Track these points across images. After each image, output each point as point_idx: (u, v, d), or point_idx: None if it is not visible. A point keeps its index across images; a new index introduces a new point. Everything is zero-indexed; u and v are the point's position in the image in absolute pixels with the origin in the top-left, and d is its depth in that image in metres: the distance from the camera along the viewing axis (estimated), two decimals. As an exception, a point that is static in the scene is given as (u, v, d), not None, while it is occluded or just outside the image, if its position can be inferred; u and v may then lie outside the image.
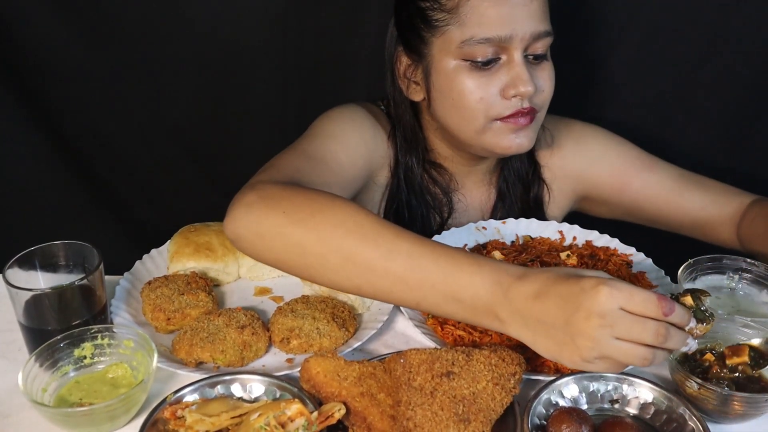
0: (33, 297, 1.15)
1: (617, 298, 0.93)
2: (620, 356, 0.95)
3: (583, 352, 0.96)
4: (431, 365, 1.03)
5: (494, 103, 1.39)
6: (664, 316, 0.94)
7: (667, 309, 0.94)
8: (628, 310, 0.93)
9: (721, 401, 1.05)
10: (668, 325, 0.95)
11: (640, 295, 0.94)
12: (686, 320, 0.97)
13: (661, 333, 0.94)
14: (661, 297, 0.94)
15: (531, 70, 1.39)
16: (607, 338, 0.94)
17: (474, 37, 1.35)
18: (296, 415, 1.01)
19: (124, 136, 1.94)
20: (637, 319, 0.93)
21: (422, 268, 1.05)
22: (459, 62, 1.39)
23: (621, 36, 1.76)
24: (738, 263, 1.34)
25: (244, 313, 1.28)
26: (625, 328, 0.93)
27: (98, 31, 1.79)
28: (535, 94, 1.40)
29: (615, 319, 0.93)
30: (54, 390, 1.12)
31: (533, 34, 1.36)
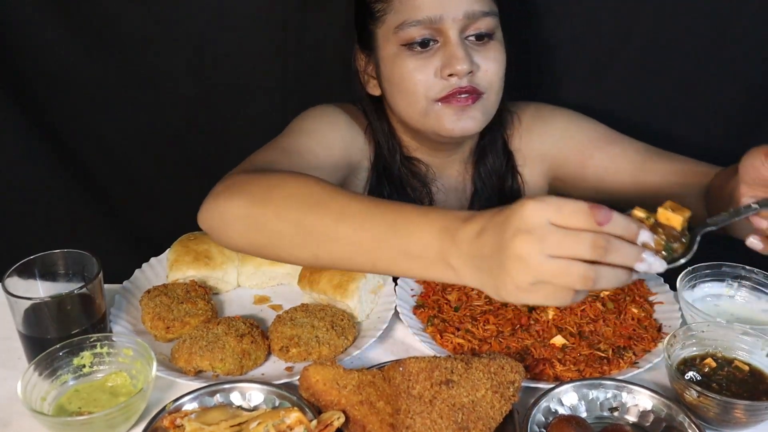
0: (32, 306, 1.15)
1: (544, 210, 0.83)
2: (557, 277, 0.83)
3: (515, 276, 0.85)
4: (430, 373, 1.03)
5: (432, 84, 1.41)
6: (599, 225, 0.83)
7: (602, 217, 0.83)
8: (559, 224, 0.83)
9: (722, 409, 1.05)
10: (609, 236, 0.83)
11: (570, 205, 0.83)
12: (632, 231, 0.85)
13: (599, 244, 0.82)
14: (594, 205, 0.84)
15: (472, 51, 1.40)
16: (537, 256, 0.83)
17: (407, 20, 1.39)
18: (295, 424, 1.01)
19: (123, 144, 1.94)
20: (569, 232, 0.83)
21: (373, 227, 1.02)
22: (398, 48, 1.42)
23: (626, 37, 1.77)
24: (737, 271, 1.34)
25: (243, 321, 1.28)
26: (557, 242, 0.82)
27: (98, 38, 1.79)
28: (477, 73, 1.41)
29: (544, 233, 0.83)
30: (53, 399, 1.12)
31: (467, 13, 1.37)
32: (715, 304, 1.34)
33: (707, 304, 1.33)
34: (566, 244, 0.82)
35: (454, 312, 1.33)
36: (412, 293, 1.41)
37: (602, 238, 0.82)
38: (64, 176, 1.94)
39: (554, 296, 0.86)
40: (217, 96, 1.90)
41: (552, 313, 1.30)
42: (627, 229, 0.85)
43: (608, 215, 0.83)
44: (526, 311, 1.31)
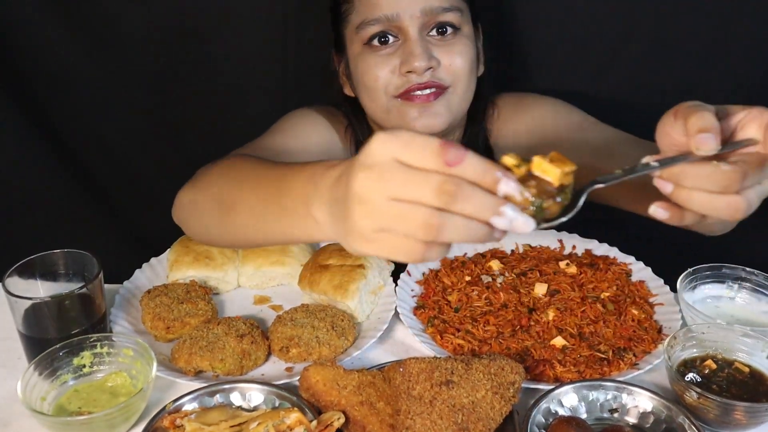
0: (32, 306, 1.15)
1: (391, 145, 0.72)
2: (397, 222, 0.72)
3: (357, 221, 0.75)
4: (430, 374, 1.03)
5: (391, 80, 1.41)
6: (448, 166, 0.71)
7: (453, 156, 0.71)
8: (407, 162, 0.72)
9: (722, 411, 1.05)
10: (461, 180, 0.71)
11: (419, 141, 0.72)
12: (490, 178, 0.72)
13: (446, 189, 0.70)
14: (447, 142, 0.72)
15: (434, 46, 1.39)
16: (378, 198, 0.73)
17: (365, 19, 1.40)
18: (295, 424, 1.01)
19: (123, 144, 1.94)
20: (415, 172, 0.71)
21: (261, 187, 1.00)
22: (362, 47, 1.43)
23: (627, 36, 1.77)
24: (738, 272, 1.34)
25: (243, 321, 1.27)
26: (400, 182, 0.71)
27: (99, 38, 1.79)
28: (439, 69, 1.40)
29: (387, 171, 0.72)
30: (53, 399, 1.12)
31: (424, 10, 1.37)
32: (716, 305, 1.33)
33: (707, 306, 1.33)
34: (410, 185, 0.71)
35: (455, 313, 1.33)
36: (412, 294, 1.41)
37: (451, 182, 0.71)
38: (65, 176, 1.94)
39: (399, 248, 0.74)
40: (217, 96, 1.90)
41: (552, 314, 1.30)
42: (484, 175, 0.72)
43: (460, 155, 0.71)
44: (526, 312, 1.31)
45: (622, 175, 0.82)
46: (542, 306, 1.33)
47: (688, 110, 0.85)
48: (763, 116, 0.87)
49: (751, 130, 0.87)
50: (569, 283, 1.38)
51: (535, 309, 1.32)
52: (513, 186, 0.73)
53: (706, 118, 0.83)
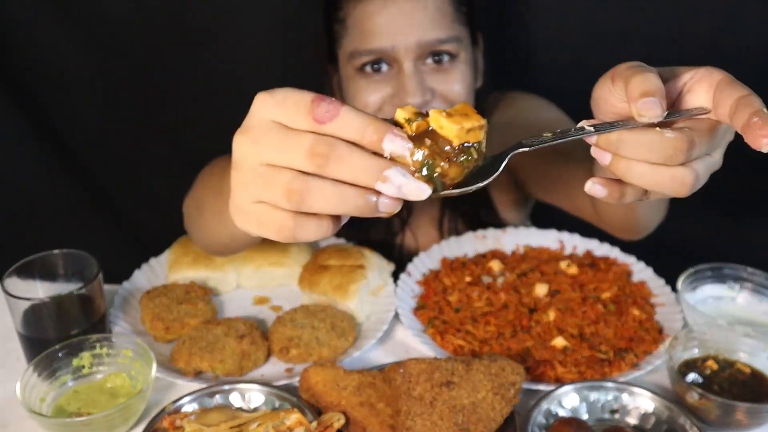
0: (31, 306, 1.14)
1: (268, 104, 0.64)
2: (263, 189, 0.63)
3: (234, 190, 0.67)
4: (431, 375, 1.02)
5: (382, 107, 1.38)
6: (318, 124, 0.61)
7: (322, 112, 0.61)
8: (283, 122, 0.64)
9: (724, 411, 1.05)
10: (335, 141, 0.61)
11: (294, 96, 0.63)
12: (369, 134, 0.61)
13: (316, 151, 0.60)
14: (320, 96, 0.62)
15: (429, 76, 1.35)
16: (250, 162, 0.64)
17: (357, 49, 1.34)
18: (295, 425, 1.00)
19: (123, 144, 1.94)
20: (290, 133, 0.62)
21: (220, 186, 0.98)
22: (354, 71, 1.38)
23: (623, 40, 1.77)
24: (739, 272, 1.34)
25: (243, 322, 1.27)
26: (273, 145, 0.63)
27: (99, 38, 1.79)
28: (434, 100, 1.36)
29: (262, 133, 0.64)
30: (52, 400, 1.11)
31: (420, 43, 1.30)
32: (717, 306, 1.33)
33: (709, 306, 1.33)
34: (282, 148, 0.62)
35: (455, 313, 1.32)
36: (412, 294, 1.41)
37: (323, 143, 0.61)
38: (64, 177, 1.94)
39: (269, 221, 0.64)
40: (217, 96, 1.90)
41: (553, 315, 1.29)
42: (364, 132, 0.61)
43: (332, 110, 0.61)
44: (527, 313, 1.31)
45: (552, 139, 0.71)
46: (543, 306, 1.33)
47: (629, 71, 0.73)
48: (713, 76, 0.75)
49: (700, 92, 0.76)
50: (570, 284, 1.38)
51: (536, 309, 1.32)
52: (400, 144, 0.61)
53: (650, 80, 0.71)
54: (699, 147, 0.72)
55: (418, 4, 1.30)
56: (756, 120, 0.67)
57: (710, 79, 0.75)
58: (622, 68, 0.75)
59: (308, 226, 0.64)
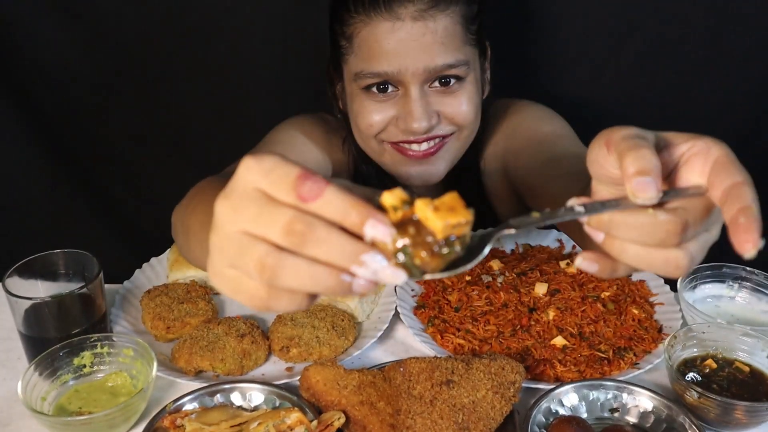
0: (33, 306, 1.15)
1: (254, 172, 0.61)
2: (235, 256, 0.62)
3: (211, 252, 0.65)
4: (431, 374, 1.03)
5: (386, 128, 1.36)
6: (302, 202, 0.60)
7: (307, 191, 0.59)
8: (267, 193, 0.61)
9: (723, 410, 1.05)
10: (315, 220, 0.59)
11: (282, 169, 0.60)
12: (351, 217, 0.59)
13: (295, 228, 0.59)
14: (305, 173, 0.60)
15: (436, 99, 1.33)
16: (228, 228, 0.62)
17: (364, 71, 1.32)
18: (296, 424, 1.01)
19: (124, 144, 1.95)
20: (270, 205, 0.61)
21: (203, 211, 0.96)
22: (359, 90, 1.36)
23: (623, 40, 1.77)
24: (738, 272, 1.34)
25: (243, 321, 1.28)
26: (252, 215, 0.61)
27: (99, 39, 1.79)
28: (440, 123, 1.34)
29: (242, 201, 0.62)
30: (53, 399, 1.12)
31: (427, 68, 1.28)
32: (716, 305, 1.33)
33: (708, 305, 1.33)
34: (261, 219, 0.61)
35: (455, 312, 1.33)
36: (412, 294, 1.41)
37: (302, 221, 0.59)
38: (65, 176, 1.94)
39: (242, 288, 0.63)
40: (217, 97, 1.90)
41: (552, 314, 1.30)
42: (346, 215, 0.60)
43: (317, 189, 0.59)
44: (526, 312, 1.31)
45: (540, 220, 0.68)
46: (542, 305, 1.33)
47: (623, 143, 0.69)
48: (710, 152, 0.70)
49: (695, 167, 0.71)
50: (569, 283, 1.38)
51: (536, 308, 1.32)
52: (382, 230, 0.60)
53: (645, 157, 0.67)
54: (693, 228, 0.68)
55: (428, 29, 1.26)
56: (742, 221, 0.62)
57: (707, 155, 0.70)
58: (617, 137, 0.70)
59: (281, 299, 0.62)
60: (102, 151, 1.95)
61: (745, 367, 1.15)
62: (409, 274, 0.61)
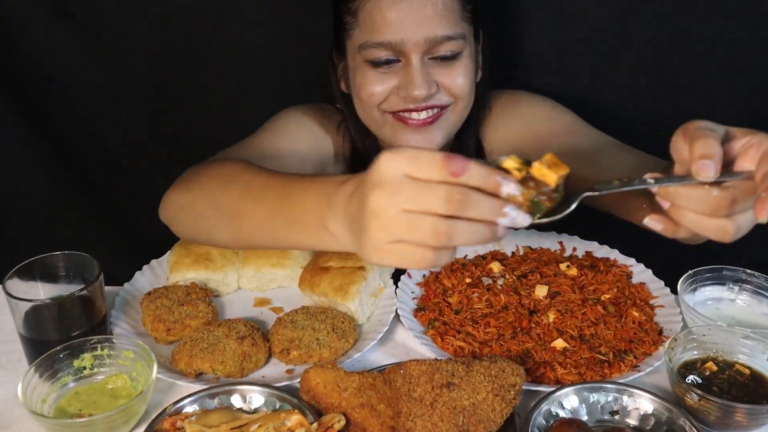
0: (33, 308, 1.15)
1: (398, 163, 0.78)
2: (408, 232, 0.78)
3: (373, 234, 0.81)
4: (431, 376, 1.03)
5: (388, 98, 1.42)
6: (453, 177, 0.77)
7: (457, 167, 0.77)
8: (415, 176, 0.78)
9: (723, 413, 1.05)
10: (467, 189, 0.78)
11: (424, 156, 0.78)
12: (492, 183, 0.79)
13: (454, 198, 0.77)
14: (449, 155, 0.78)
15: (434, 70, 1.39)
16: (391, 211, 0.78)
17: (368, 41, 1.38)
18: (296, 426, 1.01)
19: (124, 146, 1.95)
20: (423, 184, 0.78)
21: (267, 201, 1.05)
22: (362, 62, 1.42)
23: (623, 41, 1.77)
24: (738, 274, 1.34)
25: (243, 323, 1.27)
26: (410, 195, 0.78)
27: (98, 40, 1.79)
28: (439, 92, 1.41)
29: (397, 187, 0.78)
30: (53, 401, 1.12)
31: (428, 39, 1.35)
32: (716, 307, 1.33)
33: (708, 308, 1.33)
34: (420, 197, 0.78)
35: (455, 315, 1.33)
36: (412, 296, 1.41)
37: (458, 191, 0.77)
38: (65, 179, 1.94)
39: (411, 256, 0.80)
40: (216, 98, 1.90)
41: (553, 316, 1.30)
42: (486, 181, 0.79)
43: (463, 165, 0.78)
44: (526, 314, 1.31)
45: (618, 187, 0.89)
46: (543, 308, 1.33)
47: (695, 133, 0.89)
48: (762, 144, 0.89)
49: (749, 156, 0.90)
50: (570, 285, 1.38)
51: (536, 311, 1.32)
52: (514, 187, 0.81)
53: (710, 144, 0.86)
54: (741, 204, 0.87)
55: (428, 2, 1.34)
56: (763, 195, 0.83)
57: (759, 147, 0.89)
58: (692, 127, 0.91)
59: (445, 256, 0.81)
60: (102, 152, 1.95)
61: (745, 370, 1.14)
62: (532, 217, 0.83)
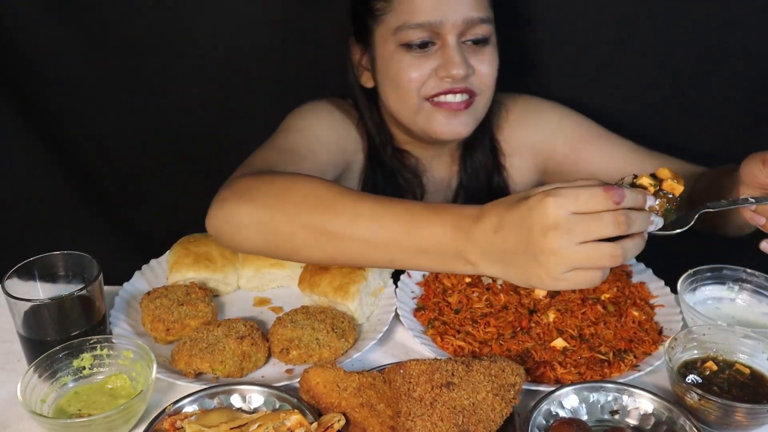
0: (32, 308, 1.15)
1: (564, 204, 0.91)
2: (589, 261, 0.93)
3: (550, 269, 0.94)
4: (431, 376, 1.03)
5: (426, 82, 1.44)
6: (616, 205, 0.92)
7: (617, 196, 0.92)
8: (580, 212, 0.92)
9: (723, 412, 1.05)
10: (626, 211, 0.93)
11: (585, 193, 0.92)
12: (641, 201, 0.96)
13: (620, 221, 0.92)
14: (607, 187, 0.93)
15: (468, 54, 1.44)
16: (569, 247, 0.92)
17: (407, 22, 1.41)
18: (296, 426, 1.01)
19: (123, 146, 1.94)
20: (591, 217, 0.92)
21: (386, 228, 1.08)
22: (397, 47, 1.45)
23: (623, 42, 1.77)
24: (738, 273, 1.34)
25: (243, 323, 1.27)
26: (583, 229, 0.91)
27: (98, 41, 1.79)
28: (472, 76, 1.44)
29: (570, 225, 0.91)
30: (53, 401, 1.11)
31: (465, 20, 1.41)
32: (716, 307, 1.33)
33: (708, 307, 1.33)
34: (593, 228, 0.92)
35: (455, 314, 1.33)
36: (412, 296, 1.41)
37: (622, 215, 0.92)
38: (64, 178, 1.94)
39: (588, 279, 0.95)
40: (216, 98, 1.90)
41: (553, 316, 1.30)
42: (637, 201, 0.95)
43: (622, 193, 0.92)
44: (526, 314, 1.31)
45: (727, 205, 1.11)
46: (543, 307, 1.33)
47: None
48: None
49: None
50: (570, 285, 1.38)
51: (536, 310, 1.32)
52: (652, 200, 0.98)
53: None
54: None
55: None
56: None
57: None
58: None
59: (608, 271, 0.96)
60: (102, 152, 1.94)
61: (745, 369, 1.14)
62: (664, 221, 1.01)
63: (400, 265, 1.11)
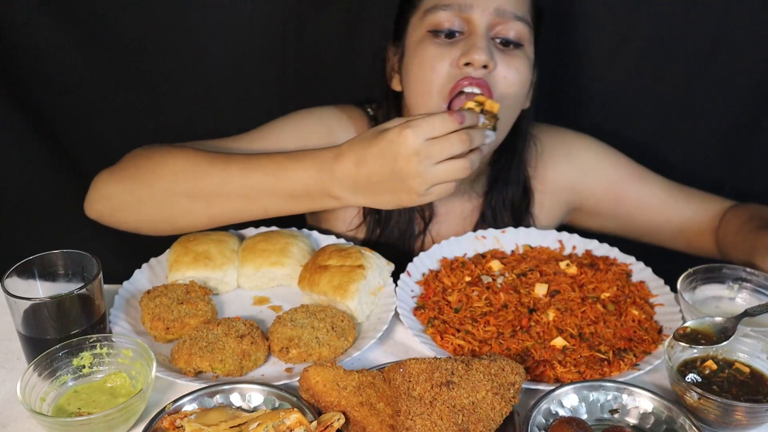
0: (32, 306, 1.15)
1: (421, 133, 1.16)
2: (448, 175, 1.19)
3: (416, 188, 1.20)
4: (431, 375, 1.03)
5: (447, 72, 1.40)
6: (460, 125, 1.17)
7: (460, 118, 1.17)
8: (433, 136, 1.16)
9: (723, 411, 1.05)
10: (467, 130, 1.18)
11: (436, 120, 1.17)
12: (476, 119, 1.22)
13: (464, 139, 1.17)
14: (450, 111, 1.19)
15: (495, 49, 1.40)
16: (429, 168, 1.17)
17: (438, 3, 1.41)
18: (295, 425, 1.01)
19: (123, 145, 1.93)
20: (443, 139, 1.17)
21: (256, 180, 1.27)
22: (424, 34, 1.44)
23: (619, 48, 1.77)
24: (737, 272, 1.34)
25: (243, 322, 1.27)
26: (439, 151, 1.17)
27: (98, 41, 1.79)
28: (494, 73, 1.38)
29: (428, 150, 1.16)
30: (52, 399, 1.11)
31: (498, 9, 1.39)
32: (716, 305, 1.33)
33: (708, 306, 1.33)
34: (446, 149, 1.17)
35: (455, 313, 1.33)
36: (412, 294, 1.41)
37: (464, 133, 1.18)
38: (64, 177, 1.94)
39: (446, 190, 1.22)
40: (216, 97, 1.90)
41: (552, 315, 1.30)
42: (473, 119, 1.22)
43: (463, 115, 1.19)
44: (526, 313, 1.31)
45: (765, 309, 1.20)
46: (542, 306, 1.33)
47: None
48: None
49: None
50: (569, 284, 1.38)
51: (536, 309, 1.32)
52: (483, 119, 1.26)
53: None
54: None
55: None
56: None
57: None
58: None
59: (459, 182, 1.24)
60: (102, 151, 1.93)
61: (745, 368, 1.14)
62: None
63: (275, 213, 1.28)
